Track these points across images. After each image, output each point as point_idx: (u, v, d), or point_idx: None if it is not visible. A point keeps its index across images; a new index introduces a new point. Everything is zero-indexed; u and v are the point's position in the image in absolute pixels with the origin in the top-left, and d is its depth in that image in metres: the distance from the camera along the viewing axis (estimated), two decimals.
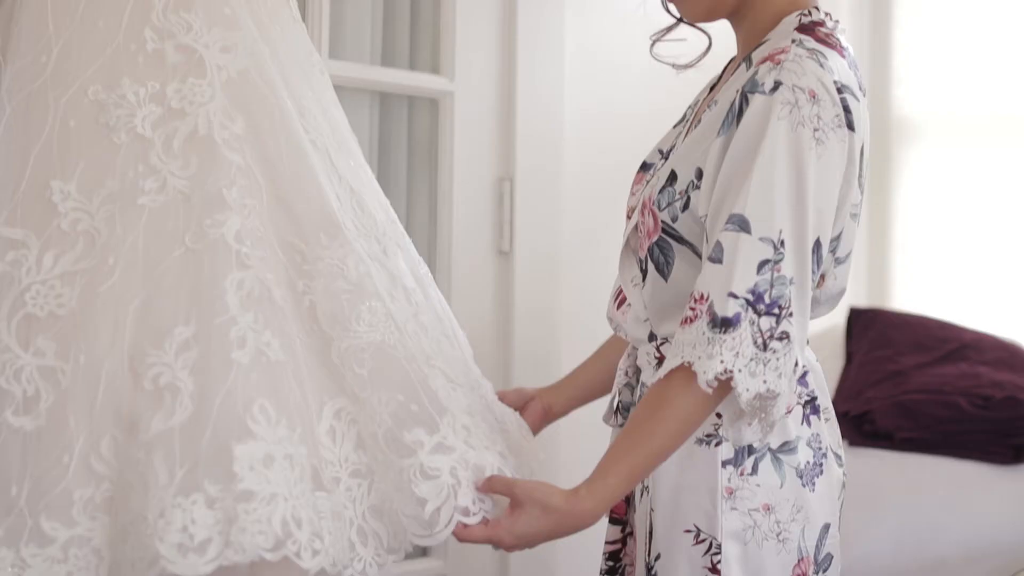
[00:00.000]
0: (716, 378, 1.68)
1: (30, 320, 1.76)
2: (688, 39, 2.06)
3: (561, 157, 3.24)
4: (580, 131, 3.29)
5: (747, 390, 1.68)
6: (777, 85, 1.74)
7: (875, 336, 3.96)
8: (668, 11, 2.02)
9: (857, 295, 4.21)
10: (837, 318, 4.08)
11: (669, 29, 2.06)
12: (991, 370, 3.69)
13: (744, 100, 1.76)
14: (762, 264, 1.69)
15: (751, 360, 1.68)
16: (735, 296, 1.69)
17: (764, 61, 1.78)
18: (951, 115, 4.16)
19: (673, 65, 2.07)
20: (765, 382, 1.69)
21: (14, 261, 1.77)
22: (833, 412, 1.98)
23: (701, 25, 2.02)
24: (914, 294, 4.21)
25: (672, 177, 1.86)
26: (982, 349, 3.78)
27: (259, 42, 2.03)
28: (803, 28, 1.84)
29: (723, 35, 2.02)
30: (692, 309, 1.73)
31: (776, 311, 1.69)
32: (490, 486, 1.80)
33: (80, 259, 1.79)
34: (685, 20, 2.01)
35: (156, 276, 1.79)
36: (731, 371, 1.68)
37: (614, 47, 3.34)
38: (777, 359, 1.69)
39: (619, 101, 3.38)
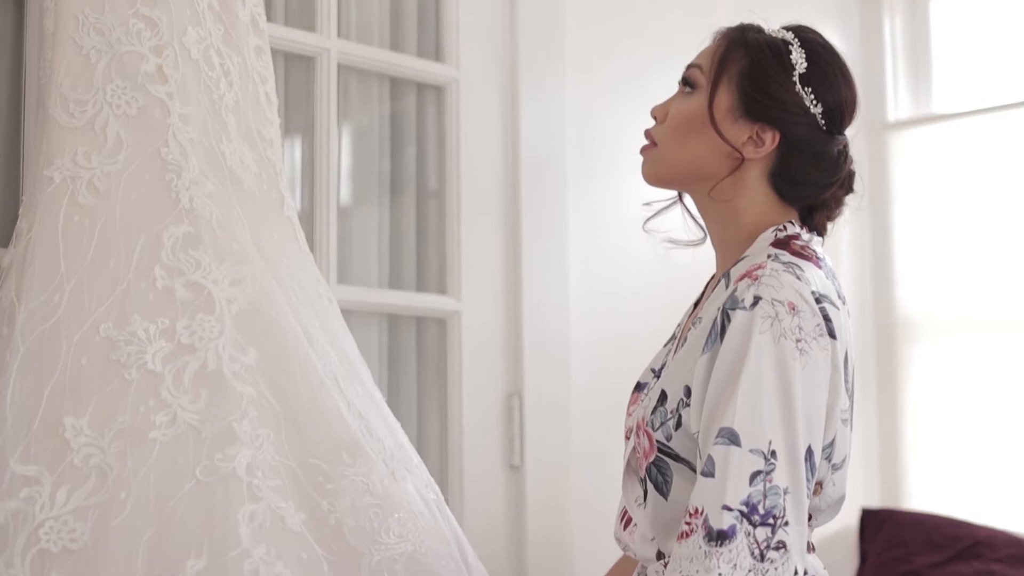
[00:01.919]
0: None
1: (44, 556, 1.78)
2: (679, 220, 2.09)
3: (568, 371, 3.28)
4: (586, 346, 3.33)
5: None
6: (757, 300, 1.78)
7: (888, 536, 3.95)
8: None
9: (869, 495, 4.20)
10: (849, 519, 4.07)
11: (662, 210, 2.10)
12: (1005, 567, 3.66)
13: (726, 317, 1.81)
14: (754, 475, 1.72)
15: (749, 571, 1.69)
16: (729, 509, 1.71)
17: (742, 278, 1.83)
18: (953, 313, 4.20)
19: (660, 239, 2.11)
20: None
21: (28, 497, 1.81)
22: None
23: (696, 215, 2.06)
24: (926, 493, 4.19)
25: (663, 397, 1.90)
26: (995, 546, 3.76)
27: (267, 274, 2.10)
28: (779, 243, 1.89)
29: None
30: (688, 524, 1.75)
31: (771, 521, 1.71)
32: None
33: (92, 494, 1.82)
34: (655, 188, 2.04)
35: (168, 509, 1.82)
36: None
37: (617, 265, 3.41)
38: (775, 569, 1.71)
39: (623, 315, 3.43)
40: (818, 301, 1.80)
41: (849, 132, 1.98)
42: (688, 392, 1.85)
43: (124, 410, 1.88)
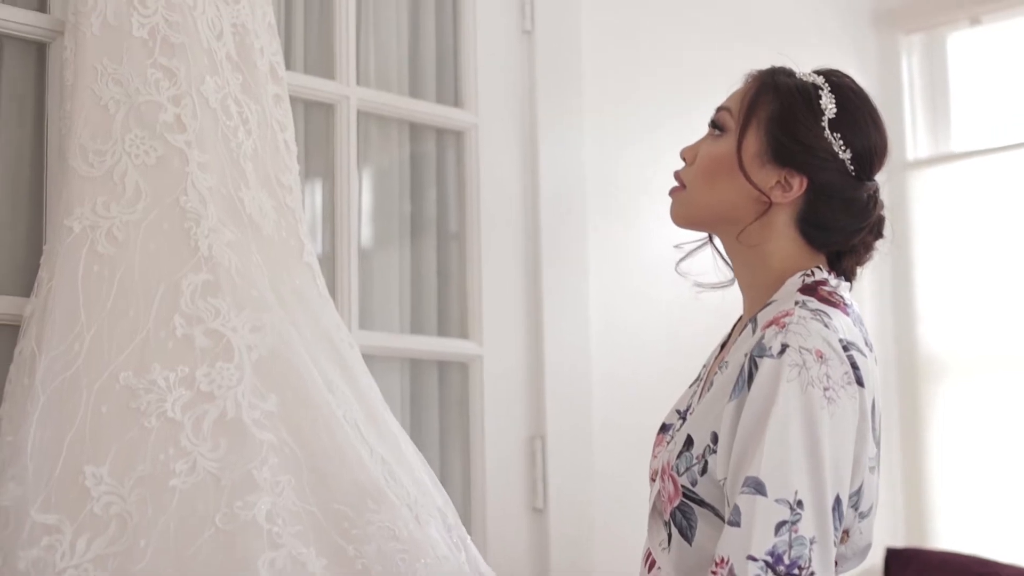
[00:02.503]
0: None
1: None
2: (711, 265, 2.08)
3: (591, 413, 3.27)
4: (608, 388, 3.33)
5: None
6: (784, 348, 1.78)
7: None
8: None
9: (894, 535, 4.17)
10: (875, 559, 4.04)
11: (693, 251, 2.09)
12: None
13: (753, 364, 1.80)
14: (779, 525, 1.71)
15: None
16: (754, 559, 1.70)
17: (769, 325, 1.82)
18: (975, 351, 4.18)
19: (693, 282, 2.10)
20: None
21: (48, 546, 1.82)
22: None
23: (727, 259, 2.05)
24: (951, 531, 4.17)
25: (688, 442, 1.89)
26: None
27: (286, 321, 2.11)
28: (806, 289, 1.89)
29: None
30: (714, 573, 1.74)
31: (796, 572, 1.70)
32: None
33: (113, 542, 1.83)
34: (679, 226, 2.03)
35: (187, 557, 1.83)
36: None
37: (638, 306, 3.41)
38: None
39: (644, 358, 3.43)
40: (845, 349, 1.79)
41: (880, 177, 1.97)
42: (715, 439, 1.84)
43: (144, 458, 1.89)
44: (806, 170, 1.91)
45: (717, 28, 3.73)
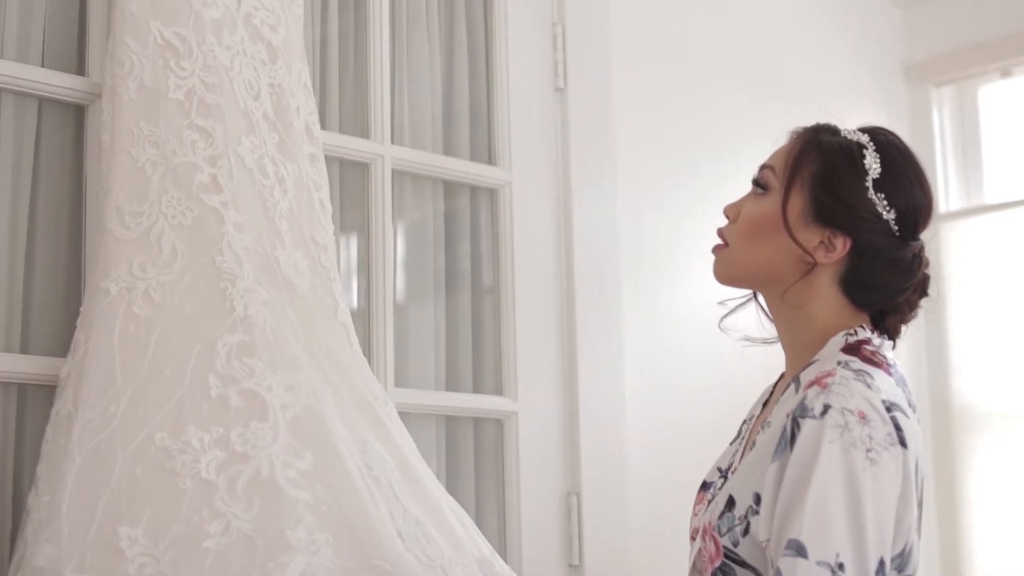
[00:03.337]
0: None
1: None
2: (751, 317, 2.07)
3: (626, 470, 3.26)
4: (644, 444, 3.31)
5: None
6: (826, 409, 1.76)
7: None
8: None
9: None
10: None
11: (736, 308, 2.07)
12: None
13: (795, 425, 1.78)
14: None
15: None
16: None
17: (812, 385, 1.81)
18: (1012, 403, 4.15)
19: (737, 338, 2.08)
20: None
21: None
22: None
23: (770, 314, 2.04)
24: None
25: (731, 503, 1.88)
26: None
27: (319, 381, 2.11)
28: (849, 348, 1.87)
29: None
30: None
31: None
32: None
33: None
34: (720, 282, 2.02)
35: None
36: None
37: (673, 361, 3.40)
38: None
39: (680, 413, 3.42)
40: (888, 410, 1.77)
41: (925, 235, 1.95)
42: (758, 500, 1.82)
43: (178, 519, 1.89)
44: (850, 231, 1.89)
45: (748, 82, 3.73)
